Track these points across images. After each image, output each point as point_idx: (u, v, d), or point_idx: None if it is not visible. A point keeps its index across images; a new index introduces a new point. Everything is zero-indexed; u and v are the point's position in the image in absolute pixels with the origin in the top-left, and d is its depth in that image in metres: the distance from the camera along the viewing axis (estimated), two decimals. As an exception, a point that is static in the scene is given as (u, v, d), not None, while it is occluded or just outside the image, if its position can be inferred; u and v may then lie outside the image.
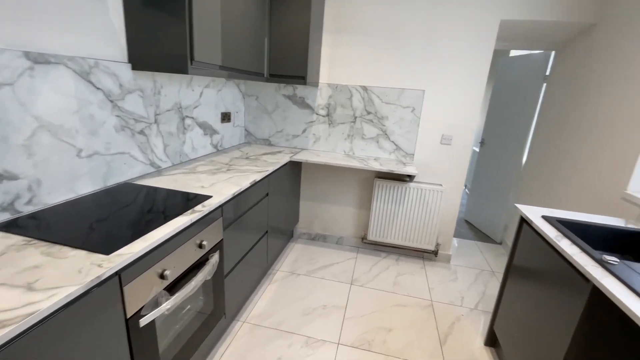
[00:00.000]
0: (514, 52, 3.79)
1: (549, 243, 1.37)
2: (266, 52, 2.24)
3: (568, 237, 1.31)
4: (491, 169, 3.43)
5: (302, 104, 2.70)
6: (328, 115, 2.68)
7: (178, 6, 1.37)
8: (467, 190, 4.47)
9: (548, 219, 1.50)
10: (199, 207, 1.31)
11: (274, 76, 2.32)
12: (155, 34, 1.43)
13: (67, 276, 0.81)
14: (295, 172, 2.68)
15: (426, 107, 2.50)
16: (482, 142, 3.61)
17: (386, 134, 2.62)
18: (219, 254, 1.46)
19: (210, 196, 1.44)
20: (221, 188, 1.57)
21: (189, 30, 1.39)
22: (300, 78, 2.28)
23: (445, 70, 2.40)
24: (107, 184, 1.47)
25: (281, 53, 2.26)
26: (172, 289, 1.16)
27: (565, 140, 2.34)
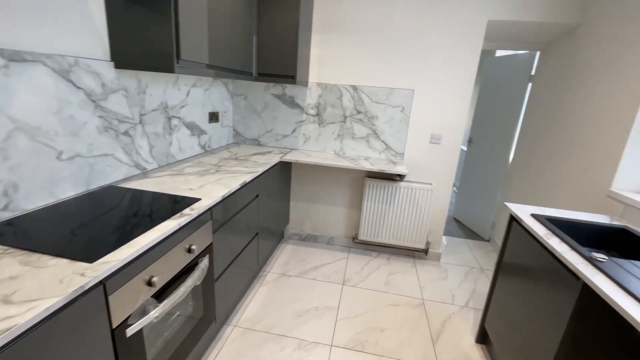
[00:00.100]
0: (499, 52, 3.86)
1: (538, 241, 1.38)
2: (254, 51, 2.20)
3: (557, 235, 1.33)
4: (479, 167, 3.47)
5: (292, 103, 2.67)
6: (318, 114, 2.66)
7: (163, 3, 1.32)
8: (456, 189, 4.52)
9: (537, 217, 1.52)
10: (187, 210, 1.27)
11: (262, 75, 2.28)
12: (140, 31, 1.38)
13: (47, 287, 0.76)
14: (285, 173, 2.65)
15: (416, 106, 2.51)
16: (470, 141, 3.66)
17: (376, 133, 2.62)
18: (208, 257, 1.42)
19: (199, 199, 1.40)
20: (210, 190, 1.53)
21: (174, 27, 1.35)
22: (290, 77, 2.25)
23: (434, 70, 2.42)
24: (90, 187, 1.42)
25: (270, 52, 2.22)
26: (161, 296, 1.12)
27: (550, 139, 2.39)
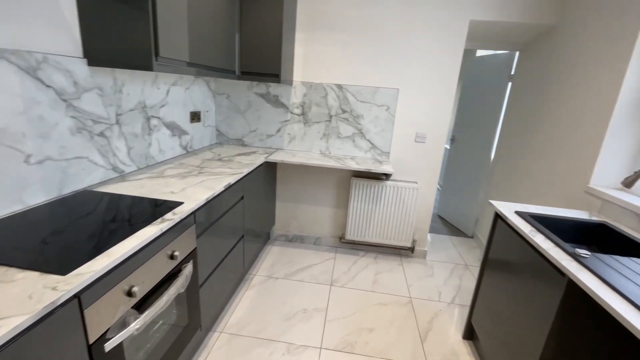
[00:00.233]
0: (480, 52, 3.93)
1: (523, 238, 1.41)
2: (237, 49, 2.14)
3: (541, 231, 1.36)
4: (462, 165, 3.53)
5: (276, 102, 2.62)
6: (303, 114, 2.62)
7: (139, -4, 1.25)
8: (439, 187, 4.60)
9: (521, 214, 1.55)
10: (169, 215, 1.21)
11: (246, 74, 2.22)
12: (115, 26, 1.31)
13: (15, 304, 0.70)
14: (270, 173, 2.60)
15: (400, 105, 2.52)
16: (453, 139, 3.71)
17: (362, 132, 2.61)
18: (192, 263, 1.37)
19: (181, 202, 1.34)
20: (193, 193, 1.47)
21: (152, 23, 1.28)
22: (274, 76, 2.21)
23: (419, 69, 2.43)
24: (63, 192, 1.33)
25: (253, 50, 2.17)
26: (142, 306, 1.06)
27: (530, 137, 2.45)
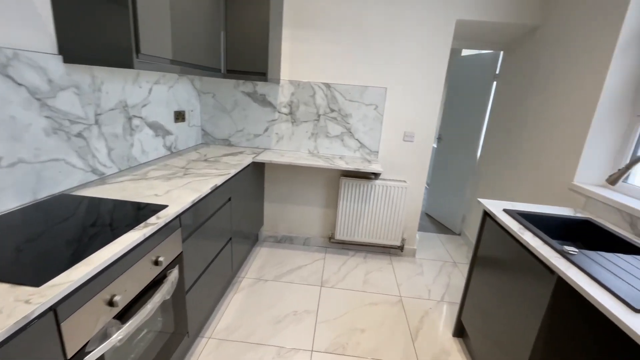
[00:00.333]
0: (465, 52, 3.98)
1: (512, 236, 1.42)
2: (222, 46, 2.09)
3: (530, 229, 1.37)
4: (448, 163, 3.57)
5: (263, 101, 2.57)
6: (291, 113, 2.59)
7: (118, -10, 1.19)
8: (427, 185, 4.64)
9: (509, 212, 1.56)
10: (153, 219, 1.16)
11: (232, 72, 2.17)
12: (92, 21, 1.24)
13: (-18, 320, 0.65)
14: (258, 173, 2.55)
15: (389, 104, 2.52)
16: (439, 138, 3.75)
17: (350, 132, 2.59)
18: (178, 268, 1.32)
19: (166, 205, 1.29)
20: (178, 195, 1.42)
21: (133, 18, 1.23)
22: (261, 74, 2.16)
23: (406, 68, 2.43)
24: (38, 196, 1.26)
25: (239, 47, 2.12)
26: (124, 315, 1.01)
27: (515, 136, 2.49)
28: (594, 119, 1.70)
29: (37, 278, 0.78)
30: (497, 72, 2.94)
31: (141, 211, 1.22)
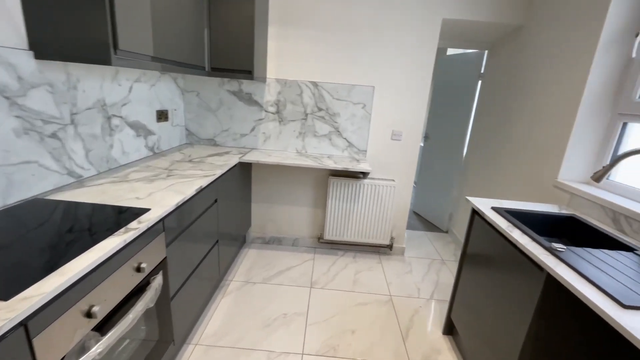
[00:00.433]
0: (450, 51, 4.03)
1: (500, 233, 1.43)
2: (206, 43, 2.03)
3: (518, 227, 1.38)
4: (435, 162, 3.60)
5: (250, 100, 2.52)
6: (278, 112, 2.54)
7: (93, -18, 1.13)
8: (414, 183, 4.67)
9: (497, 210, 1.57)
10: (134, 223, 1.10)
11: (216, 70, 2.11)
12: (66, 15, 1.17)
13: (-59, 340, 0.59)
14: (245, 174, 2.50)
15: (376, 103, 2.51)
16: (426, 137, 3.78)
17: (338, 131, 2.57)
18: (162, 274, 1.26)
19: (148, 209, 1.23)
20: (161, 198, 1.36)
21: (110, 12, 1.16)
22: (247, 72, 2.11)
23: (393, 66, 2.43)
24: (8, 201, 1.18)
25: (224, 45, 2.06)
26: (104, 326, 0.95)
27: (500, 134, 2.52)
28: (577, 117, 1.73)
29: (6, 291, 0.72)
30: (482, 71, 2.98)
31: (122, 215, 1.16)
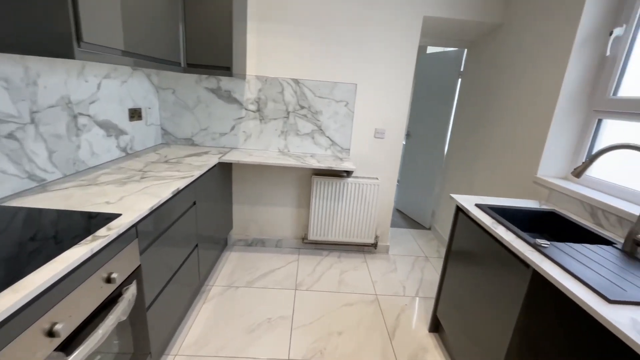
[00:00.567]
0: (430, 50, 4.07)
1: (485, 230, 1.43)
2: (182, 37, 1.93)
3: (502, 223, 1.39)
4: (417, 159, 3.63)
5: (229, 98, 2.43)
6: (259, 110, 2.47)
7: (51, -33, 1.03)
8: (397, 181, 4.70)
9: (481, 206, 1.58)
10: (102, 230, 1.02)
11: (193, 66, 2.02)
12: (22, 2, 1.06)
13: None
14: (225, 174, 2.41)
15: (359, 101, 2.48)
16: (408, 135, 3.80)
17: (321, 129, 2.53)
18: (136, 284, 1.18)
19: (119, 214, 1.14)
20: (134, 202, 1.27)
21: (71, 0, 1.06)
22: (225, 69, 2.03)
23: (375, 64, 2.41)
24: (-42, 209, 1.06)
25: (200, 39, 1.97)
26: (69, 345, 0.87)
27: (481, 131, 2.56)
28: (555, 114, 1.76)
29: (-53, 313, 0.63)
30: (461, 70, 3.01)
31: (89, 222, 1.07)
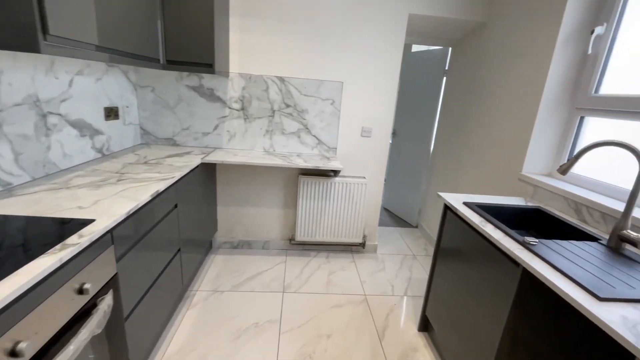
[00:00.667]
0: (415, 48, 4.08)
1: (474, 228, 1.42)
2: (160, 33, 1.85)
3: (490, 221, 1.38)
4: (403, 158, 3.64)
5: (212, 96, 2.35)
6: (243, 109, 2.40)
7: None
8: (384, 180, 4.70)
9: (469, 204, 1.57)
10: (73, 238, 0.94)
11: (172, 63, 1.93)
12: (-22, -8, 0.97)
13: None
14: (209, 175, 2.34)
15: (345, 99, 2.45)
16: (394, 133, 3.80)
17: (307, 128, 2.49)
18: (112, 294, 1.11)
19: (93, 220, 1.07)
20: (109, 206, 1.19)
21: (34, -11, 0.98)
22: (207, 66, 1.96)
23: (362, 62, 2.38)
24: None
25: (181, 35, 1.89)
26: (36, 364, 0.79)
27: (466, 129, 2.57)
28: (539, 111, 1.78)
29: None
30: (446, 68, 3.03)
31: (59, 229, 0.99)
